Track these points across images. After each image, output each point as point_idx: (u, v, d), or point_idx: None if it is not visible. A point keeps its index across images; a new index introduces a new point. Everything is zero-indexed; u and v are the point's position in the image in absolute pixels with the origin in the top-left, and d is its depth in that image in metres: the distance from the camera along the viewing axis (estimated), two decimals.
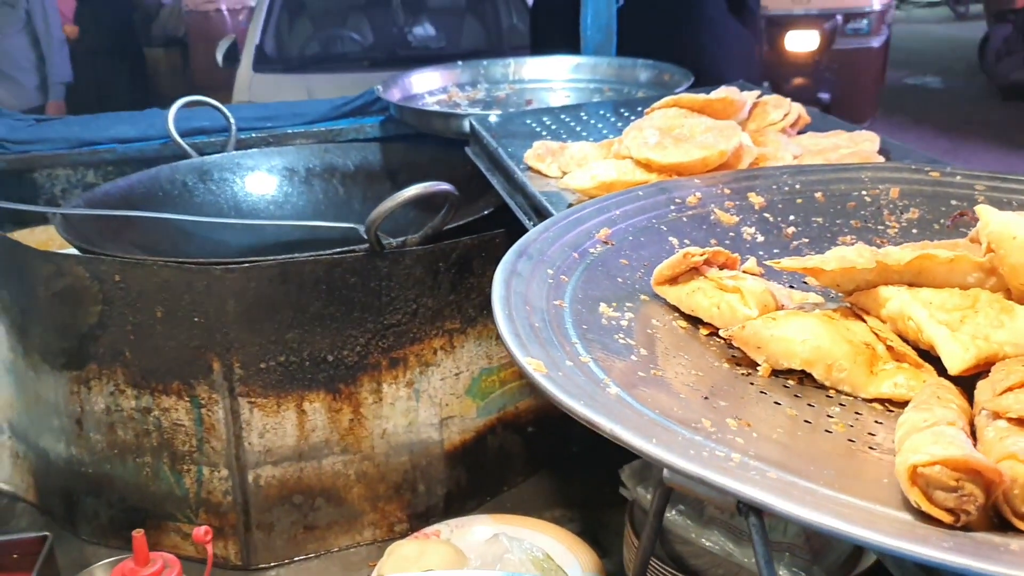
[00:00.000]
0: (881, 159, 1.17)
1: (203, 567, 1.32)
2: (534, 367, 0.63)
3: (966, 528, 0.48)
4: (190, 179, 2.03)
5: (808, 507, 0.47)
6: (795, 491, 0.50)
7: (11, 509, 1.72)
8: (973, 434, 0.59)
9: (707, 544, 1.31)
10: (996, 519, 0.51)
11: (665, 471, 0.56)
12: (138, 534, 1.22)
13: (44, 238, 1.99)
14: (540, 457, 1.76)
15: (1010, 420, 0.57)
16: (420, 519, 1.58)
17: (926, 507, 0.49)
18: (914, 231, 0.99)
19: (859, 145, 1.21)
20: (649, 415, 0.60)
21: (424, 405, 1.55)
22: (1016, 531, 0.49)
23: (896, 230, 0.99)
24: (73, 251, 1.59)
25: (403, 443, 1.55)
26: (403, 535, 1.54)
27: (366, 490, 1.54)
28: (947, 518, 0.48)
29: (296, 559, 1.53)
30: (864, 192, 1.05)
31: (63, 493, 1.61)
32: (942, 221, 1.00)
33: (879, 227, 1.00)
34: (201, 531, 1.21)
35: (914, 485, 0.49)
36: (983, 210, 0.72)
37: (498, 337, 1.62)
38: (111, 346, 1.46)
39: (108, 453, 1.52)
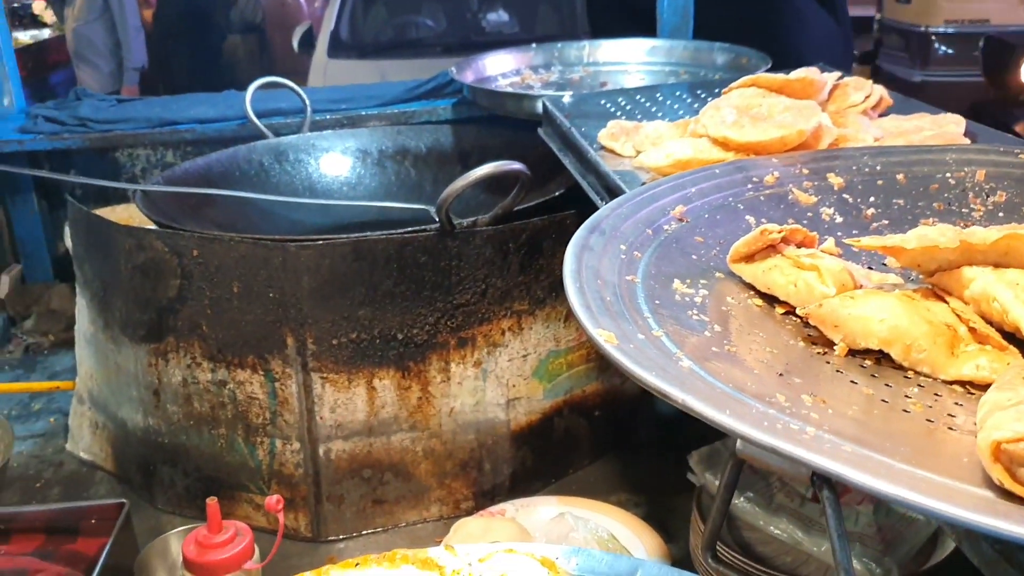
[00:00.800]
0: (967, 142, 1.14)
1: (274, 538, 1.35)
2: (605, 338, 0.62)
3: None
4: (266, 159, 2.07)
5: (884, 479, 0.46)
6: (870, 464, 0.49)
7: (91, 477, 1.78)
8: None
9: (775, 532, 1.29)
10: None
11: (738, 442, 0.55)
12: (212, 502, 1.25)
13: (125, 216, 2.04)
14: (607, 441, 1.75)
15: None
16: (486, 497, 1.59)
17: (1009, 484, 0.47)
18: (1000, 215, 0.96)
19: (943, 127, 1.18)
20: (722, 388, 0.59)
21: (491, 385, 1.55)
22: None
23: (981, 213, 0.96)
24: (153, 227, 1.63)
25: (470, 422, 1.56)
26: (469, 512, 1.55)
27: (433, 467, 1.55)
28: None
29: (365, 532, 1.55)
30: (948, 174, 1.02)
31: (140, 462, 1.66)
32: None
33: (963, 210, 0.97)
34: (273, 500, 1.23)
35: (996, 462, 0.48)
36: None
37: (567, 319, 1.63)
38: (189, 320, 1.49)
39: (184, 424, 1.56)
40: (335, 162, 2.11)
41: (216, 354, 1.49)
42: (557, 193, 1.58)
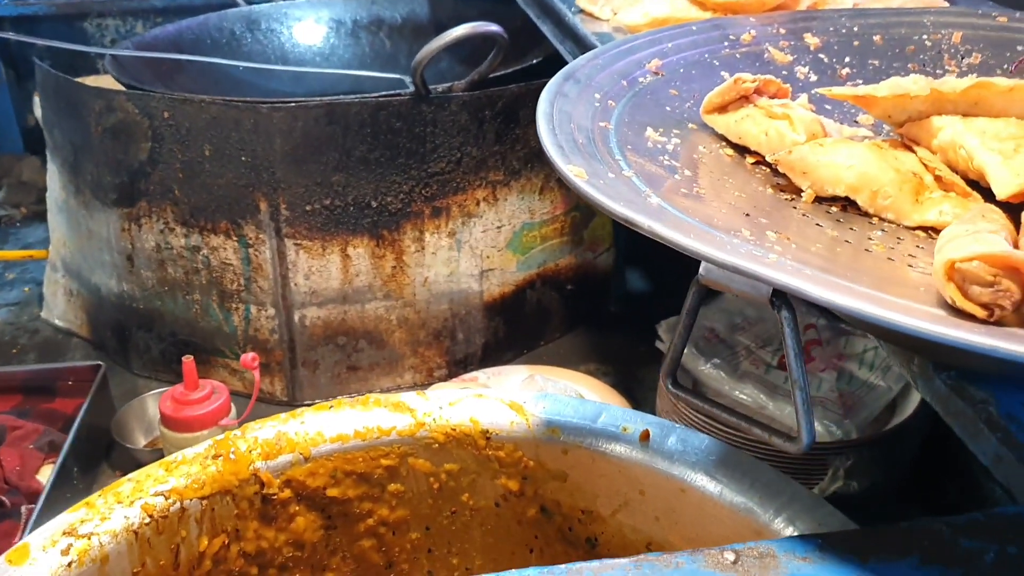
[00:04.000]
0: (946, 5, 1.13)
1: (249, 401, 1.37)
2: (575, 173, 0.62)
3: (999, 323, 0.48)
4: (238, 28, 2.02)
5: (841, 292, 0.47)
6: (829, 282, 0.50)
7: (66, 344, 1.79)
8: None
9: (741, 396, 1.33)
10: None
11: (701, 268, 0.56)
12: (188, 359, 1.26)
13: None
14: (578, 315, 1.78)
15: None
16: (459, 366, 1.62)
17: (960, 302, 0.49)
18: (974, 76, 0.96)
19: None
20: (688, 220, 0.60)
21: (465, 256, 1.56)
22: None
23: (955, 74, 0.96)
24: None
25: (443, 292, 1.57)
26: (442, 379, 1.58)
27: (407, 335, 1.57)
28: (981, 313, 0.48)
29: (340, 397, 1.57)
30: (925, 36, 1.02)
31: (115, 328, 1.67)
32: (1005, 66, 0.97)
33: (938, 71, 0.97)
34: (248, 357, 1.25)
35: (950, 281, 0.49)
36: None
37: (541, 191, 1.63)
38: (161, 183, 1.48)
39: (159, 289, 1.56)
40: (308, 32, 2.06)
41: (189, 219, 1.49)
42: (535, 61, 1.56)
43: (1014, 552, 0.51)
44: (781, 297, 0.53)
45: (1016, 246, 0.61)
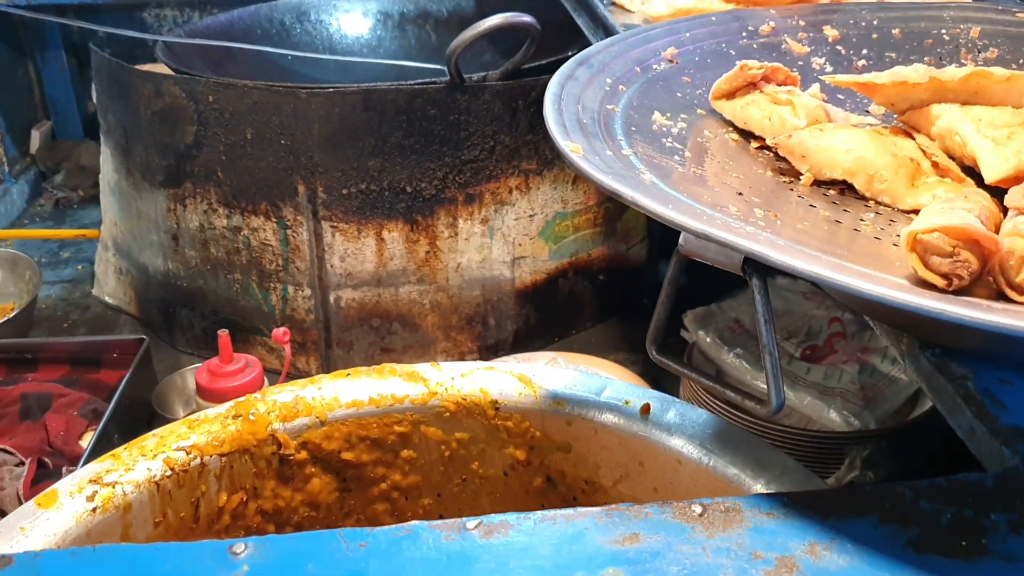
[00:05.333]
0: (968, 0, 1.14)
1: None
2: (571, 149, 0.65)
3: (958, 293, 0.50)
4: (288, 18, 2.08)
5: (804, 259, 0.49)
6: (799, 252, 0.52)
7: (115, 320, 1.86)
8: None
9: (762, 386, 1.34)
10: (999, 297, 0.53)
11: (680, 239, 0.59)
12: (223, 333, 1.31)
13: None
14: (610, 305, 1.80)
15: None
16: (489, 351, 1.66)
17: (921, 272, 0.51)
18: None
19: None
20: (676, 195, 0.63)
21: (497, 243, 1.60)
22: (1009, 301, 0.51)
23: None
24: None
25: (476, 278, 1.61)
26: None
27: (439, 319, 1.61)
28: (940, 282, 0.50)
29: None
30: (944, 31, 1.03)
31: (161, 306, 1.73)
32: (1021, 61, 0.98)
33: (954, 65, 0.98)
34: (280, 332, 1.30)
35: (913, 251, 0.51)
36: None
37: (575, 181, 1.66)
38: (205, 165, 1.54)
39: (202, 268, 1.62)
40: (356, 23, 2.12)
41: (231, 200, 1.54)
42: (570, 53, 1.58)
43: (971, 515, 0.53)
44: (752, 265, 0.55)
45: (998, 229, 0.62)
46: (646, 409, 0.82)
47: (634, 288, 1.83)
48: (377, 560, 0.52)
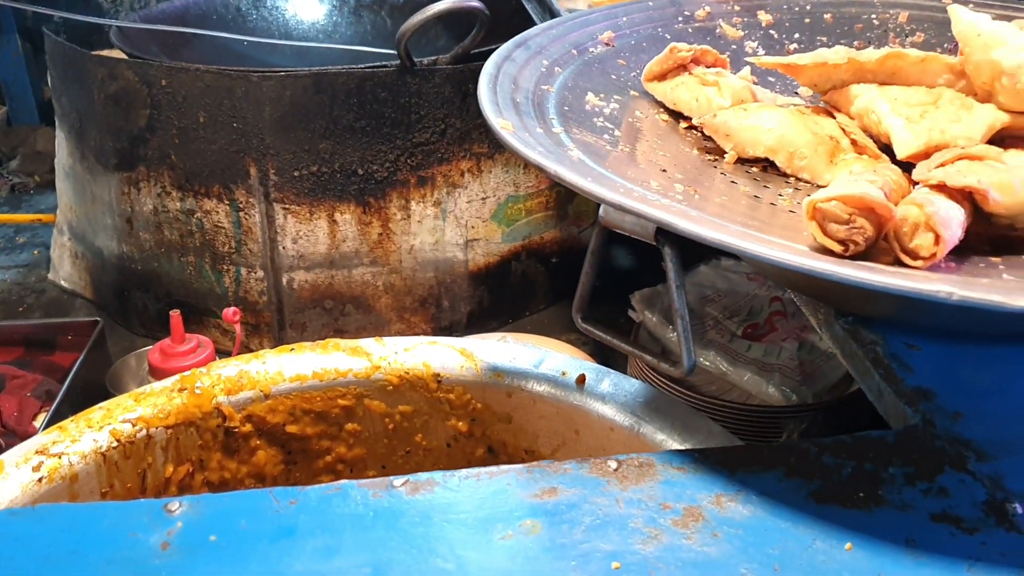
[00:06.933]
0: None
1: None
2: (502, 126, 0.68)
3: (856, 258, 0.54)
4: (244, 4, 2.09)
5: (708, 227, 0.52)
6: (707, 222, 0.55)
7: (70, 304, 1.86)
8: None
9: (704, 363, 1.38)
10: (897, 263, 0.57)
11: (600, 211, 0.62)
12: (175, 313, 1.33)
13: None
14: (562, 287, 1.83)
15: (930, 187, 0.61)
16: (444, 332, 1.68)
17: (820, 238, 0.54)
18: None
19: None
20: (600, 171, 0.65)
21: (450, 225, 1.62)
22: (903, 266, 0.54)
23: None
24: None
25: (429, 260, 1.63)
26: None
27: (393, 301, 1.63)
28: (837, 248, 0.53)
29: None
30: (874, 16, 1.06)
31: (116, 289, 1.74)
32: (946, 45, 1.01)
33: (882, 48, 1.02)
34: (230, 311, 1.31)
35: (812, 219, 0.54)
36: (953, 10, 0.75)
37: (526, 165, 1.68)
38: (158, 149, 1.54)
39: (156, 251, 1.63)
40: (311, 9, 2.13)
41: (184, 183, 1.55)
42: None
43: (871, 469, 0.57)
44: (665, 234, 0.58)
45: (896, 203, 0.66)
46: (582, 380, 0.85)
47: None
48: (307, 516, 0.55)
